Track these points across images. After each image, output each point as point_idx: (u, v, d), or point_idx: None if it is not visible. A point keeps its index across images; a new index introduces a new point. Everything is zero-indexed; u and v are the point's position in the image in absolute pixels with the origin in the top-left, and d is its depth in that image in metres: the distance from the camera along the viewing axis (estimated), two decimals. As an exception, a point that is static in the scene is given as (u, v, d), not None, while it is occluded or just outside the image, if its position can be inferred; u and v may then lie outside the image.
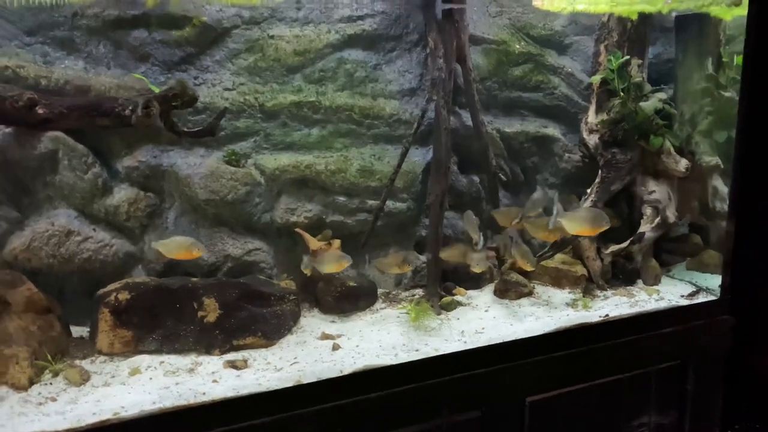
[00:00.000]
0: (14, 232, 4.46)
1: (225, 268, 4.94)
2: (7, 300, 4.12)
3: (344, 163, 5.21)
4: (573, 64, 5.99)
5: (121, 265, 4.75)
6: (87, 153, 4.56)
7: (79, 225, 4.62)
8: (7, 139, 4.37)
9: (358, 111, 5.26)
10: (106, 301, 4.32)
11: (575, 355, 4.72)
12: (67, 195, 4.58)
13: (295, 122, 5.15)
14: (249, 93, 5.01)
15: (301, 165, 5.09)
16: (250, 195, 4.94)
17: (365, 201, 5.29)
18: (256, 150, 5.08)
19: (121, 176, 4.76)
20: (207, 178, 4.82)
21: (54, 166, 4.50)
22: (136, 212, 4.76)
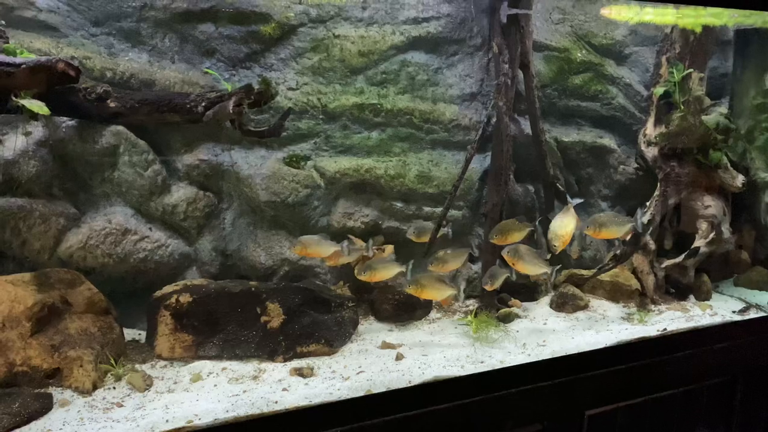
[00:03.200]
0: (71, 229, 4.34)
1: (281, 272, 4.84)
2: (67, 300, 4.01)
3: (403, 168, 5.13)
4: (631, 75, 5.95)
5: (176, 267, 4.64)
6: (148, 149, 4.45)
7: (135, 223, 4.50)
8: (69, 131, 4.25)
9: (418, 115, 5.18)
10: (166, 303, 4.20)
11: (634, 369, 4.68)
12: (125, 192, 4.46)
13: (355, 125, 5.07)
14: (312, 93, 4.92)
15: (361, 169, 5.00)
16: (309, 198, 4.85)
17: (422, 207, 5.21)
18: (316, 152, 4.99)
19: (180, 174, 4.65)
20: (268, 179, 4.72)
21: (114, 162, 4.38)
22: (194, 212, 4.65)
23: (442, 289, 4.35)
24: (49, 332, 3.78)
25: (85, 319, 3.95)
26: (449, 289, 4.35)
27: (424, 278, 4.36)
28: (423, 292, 4.31)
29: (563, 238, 4.47)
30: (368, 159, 5.04)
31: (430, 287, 4.31)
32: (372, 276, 4.38)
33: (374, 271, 4.42)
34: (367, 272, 4.38)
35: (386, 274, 4.47)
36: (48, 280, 3.98)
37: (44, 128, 4.18)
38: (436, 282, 4.36)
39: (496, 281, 4.62)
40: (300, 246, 4.33)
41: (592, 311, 5.26)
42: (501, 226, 4.56)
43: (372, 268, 4.41)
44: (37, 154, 4.16)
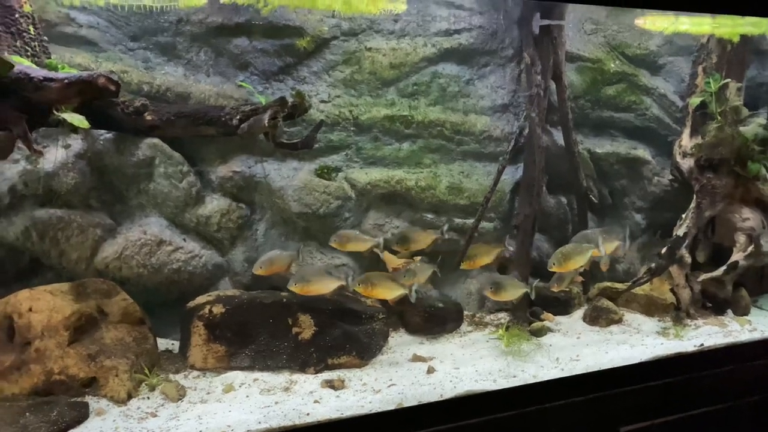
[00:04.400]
0: (107, 240, 4.41)
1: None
2: (103, 310, 4.07)
3: (434, 179, 5.11)
4: (666, 85, 5.86)
5: (209, 277, 4.68)
6: (183, 161, 4.51)
7: (170, 234, 4.56)
8: (107, 144, 4.34)
9: (449, 126, 5.17)
10: (200, 313, 4.24)
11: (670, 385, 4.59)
12: (160, 203, 4.53)
13: (386, 136, 5.08)
14: (344, 106, 4.95)
15: (391, 180, 5.01)
16: (340, 209, 4.86)
17: (452, 219, 5.18)
18: (347, 164, 5.01)
19: (214, 186, 4.70)
20: (300, 190, 4.76)
21: (150, 174, 4.45)
22: (227, 223, 4.69)
23: (392, 289, 4.29)
24: (85, 341, 3.83)
25: (121, 328, 4.00)
26: (399, 289, 4.29)
27: (374, 277, 4.31)
28: (372, 292, 4.25)
29: (567, 266, 4.46)
30: (399, 170, 5.04)
31: (380, 286, 4.25)
32: (305, 288, 4.09)
33: (307, 283, 4.12)
34: (299, 284, 4.07)
35: (322, 287, 4.18)
36: (85, 290, 4.05)
37: (83, 141, 4.27)
38: (387, 281, 4.31)
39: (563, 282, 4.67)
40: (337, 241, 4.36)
41: (626, 325, 5.17)
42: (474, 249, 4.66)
43: (305, 279, 4.12)
44: (76, 167, 4.25)
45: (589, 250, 4.47)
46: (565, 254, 4.41)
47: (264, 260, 4.30)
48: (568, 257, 4.42)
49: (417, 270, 4.47)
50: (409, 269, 4.43)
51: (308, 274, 4.19)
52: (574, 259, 4.45)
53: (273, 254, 4.38)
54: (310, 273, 4.14)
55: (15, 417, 3.30)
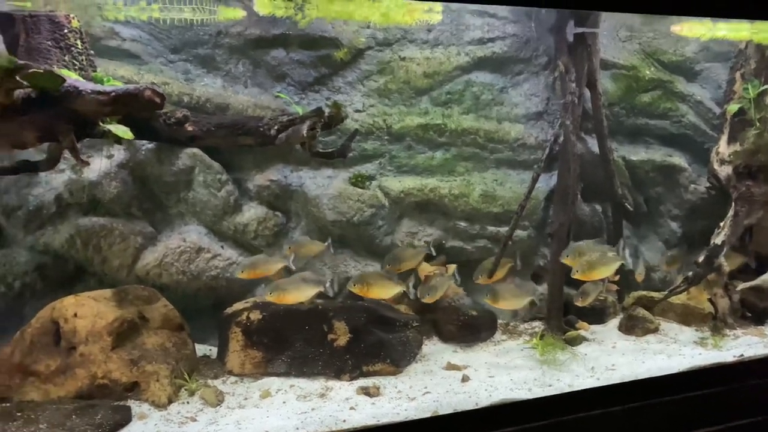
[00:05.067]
0: (148, 247, 4.52)
1: (347, 291, 4.90)
2: (144, 316, 4.16)
3: (467, 187, 5.13)
4: (702, 92, 5.79)
5: (246, 284, 4.76)
6: (221, 170, 4.61)
7: (208, 242, 4.65)
8: (148, 154, 4.45)
9: (483, 134, 5.18)
10: (237, 320, 4.31)
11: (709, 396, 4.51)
12: (199, 211, 4.62)
13: (420, 145, 5.11)
14: (378, 115, 5.00)
15: (425, 188, 5.03)
16: (374, 217, 4.90)
17: (485, 227, 5.19)
18: (380, 172, 5.05)
19: (251, 194, 4.78)
20: (335, 199, 4.80)
21: (189, 183, 4.55)
22: (264, 231, 4.77)
23: (389, 287, 4.29)
24: (127, 347, 3.91)
25: (161, 334, 4.08)
26: (396, 287, 4.29)
27: (370, 276, 4.31)
28: (369, 291, 4.26)
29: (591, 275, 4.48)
30: (432, 179, 5.07)
31: (376, 286, 4.26)
32: (281, 297, 4.06)
33: (283, 292, 4.07)
34: (275, 293, 4.05)
35: (299, 295, 4.15)
36: (127, 297, 4.14)
37: (125, 151, 4.39)
38: (383, 280, 4.30)
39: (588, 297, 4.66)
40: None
41: (662, 335, 5.10)
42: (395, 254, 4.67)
43: (280, 288, 4.07)
44: (119, 176, 4.37)
45: (616, 262, 4.46)
46: (590, 264, 4.38)
47: (247, 263, 4.33)
48: (592, 267, 4.39)
49: (436, 284, 4.49)
50: (429, 286, 4.48)
51: (283, 283, 4.18)
52: (599, 269, 4.42)
53: (259, 258, 4.43)
54: (286, 281, 4.10)
55: (62, 419, 3.40)
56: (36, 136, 3.46)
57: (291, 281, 4.20)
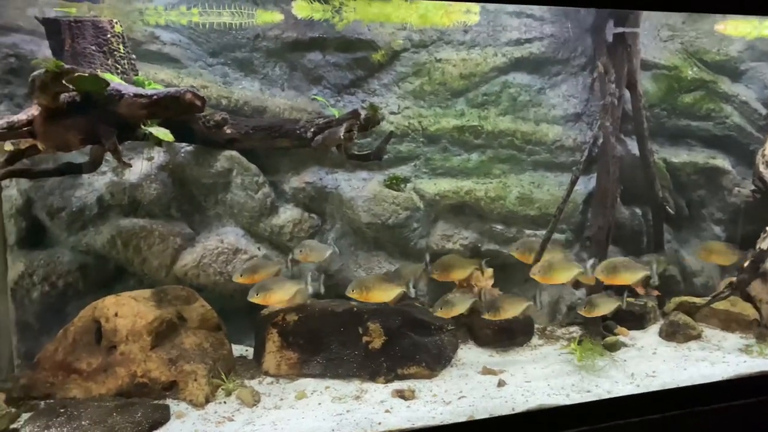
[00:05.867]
0: (186, 248, 4.58)
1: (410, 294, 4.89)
2: (183, 316, 4.22)
3: (503, 189, 5.08)
4: (747, 92, 5.62)
5: (282, 286, 4.78)
6: (258, 173, 4.64)
7: (245, 243, 4.69)
8: (187, 156, 4.52)
9: (520, 136, 5.13)
10: (274, 321, 4.34)
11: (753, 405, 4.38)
12: (237, 213, 4.67)
13: (455, 147, 5.08)
14: (413, 117, 4.98)
15: (461, 191, 5.00)
16: (409, 220, 4.89)
17: (522, 230, 5.13)
18: (416, 174, 5.03)
19: (287, 196, 4.81)
20: (370, 201, 4.81)
21: (227, 185, 4.60)
22: (299, 233, 4.79)
23: (388, 290, 4.20)
24: (166, 346, 3.97)
25: (199, 334, 4.13)
26: (396, 289, 4.21)
27: (367, 281, 4.22)
28: (368, 296, 4.19)
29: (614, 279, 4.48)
30: (468, 181, 5.04)
31: (375, 289, 4.18)
32: (266, 298, 4.07)
33: (269, 292, 4.08)
34: (261, 293, 4.05)
35: (282, 295, 4.15)
36: (166, 297, 4.21)
37: (165, 153, 4.46)
38: (382, 282, 4.22)
39: (595, 309, 4.50)
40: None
41: (705, 341, 4.97)
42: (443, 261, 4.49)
43: (266, 288, 4.07)
44: (158, 178, 4.44)
45: (642, 271, 4.45)
46: (613, 266, 4.38)
47: (246, 268, 4.31)
48: (615, 270, 4.36)
49: (454, 300, 4.41)
50: (445, 300, 4.40)
51: (268, 283, 4.11)
52: (622, 274, 4.40)
53: (257, 262, 4.42)
54: (271, 281, 4.11)
55: (103, 417, 3.47)
56: (79, 139, 3.54)
57: (275, 281, 4.22)
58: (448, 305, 4.31)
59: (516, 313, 4.41)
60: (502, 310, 4.36)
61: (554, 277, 4.39)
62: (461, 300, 4.38)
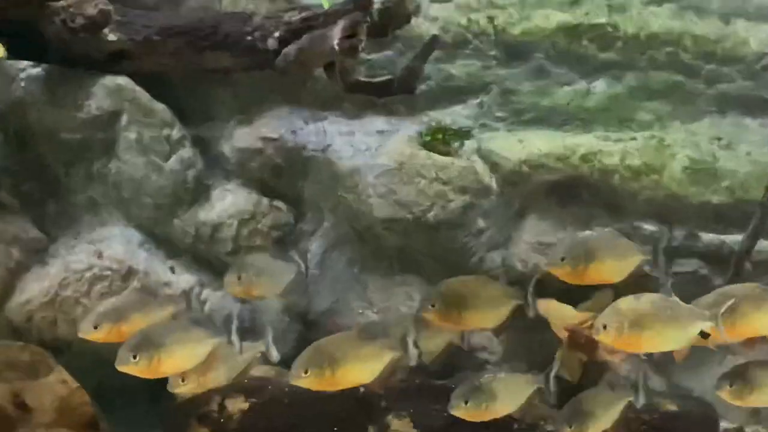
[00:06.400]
0: (31, 268, 4.70)
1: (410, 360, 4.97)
2: (25, 402, 4.33)
3: (658, 153, 5.12)
4: None
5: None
6: (171, 120, 4.75)
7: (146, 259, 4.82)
8: (32, 87, 4.60)
9: (692, 46, 5.18)
10: (201, 413, 4.42)
11: None
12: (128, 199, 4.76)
13: (561, 66, 5.15)
14: (478, 8, 5.06)
15: (571, 154, 5.04)
16: (469, 212, 4.95)
17: (695, 233, 5.18)
18: (482, 123, 5.13)
19: (229, 167, 4.95)
20: (391, 176, 4.88)
21: (110, 143, 4.73)
22: (252, 237, 4.89)
23: (372, 359, 4.13)
24: (-7, 463, 4.08)
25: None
26: (385, 355, 4.21)
27: (333, 344, 4.11)
28: (334, 378, 4.07)
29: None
30: (586, 135, 5.12)
31: (348, 362, 4.03)
32: (158, 363, 3.99)
33: (161, 351, 3.98)
34: (144, 354, 3.95)
35: (192, 355, 4.10)
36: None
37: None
38: (359, 347, 4.11)
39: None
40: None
41: None
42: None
43: (153, 344, 3.97)
44: (-24, 130, 4.56)
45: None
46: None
47: (106, 310, 4.23)
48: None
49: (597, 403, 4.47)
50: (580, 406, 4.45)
51: (158, 333, 4.06)
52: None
53: (131, 297, 4.39)
54: (164, 330, 4.12)
55: None
56: None
57: (173, 328, 4.19)
58: (584, 418, 4.34)
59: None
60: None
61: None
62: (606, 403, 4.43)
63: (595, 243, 4.46)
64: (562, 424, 4.28)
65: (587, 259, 4.33)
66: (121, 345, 3.99)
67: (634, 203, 5.11)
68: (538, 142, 5.08)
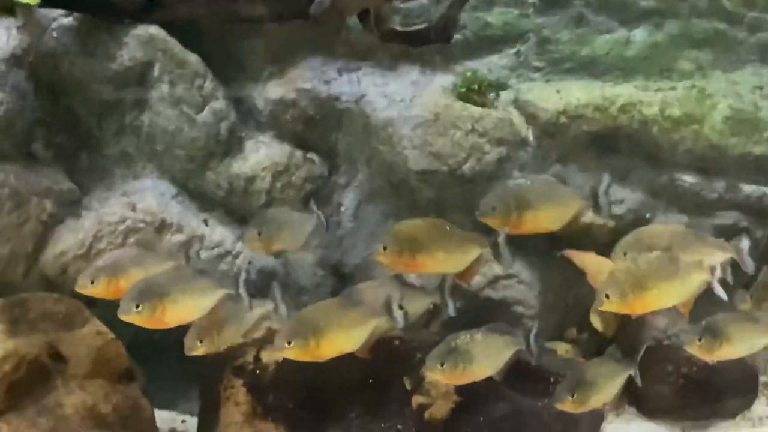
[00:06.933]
0: (64, 220, 4.70)
1: (448, 312, 4.95)
2: (59, 352, 4.32)
3: (699, 103, 5.06)
4: None
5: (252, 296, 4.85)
6: (204, 71, 4.74)
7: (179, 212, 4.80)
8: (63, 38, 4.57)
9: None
10: (237, 366, 4.40)
11: None
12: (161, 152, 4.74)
13: (600, 14, 5.11)
14: (516, -50, 5.00)
15: (610, 105, 5.01)
16: (505, 164, 4.93)
17: (737, 185, 5.14)
18: (519, 73, 5.10)
19: (262, 119, 4.93)
20: (426, 127, 4.86)
21: (142, 96, 4.73)
22: (285, 190, 4.89)
23: (355, 327, 4.12)
24: (28, 411, 4.07)
25: (92, 388, 4.21)
26: (368, 321, 4.14)
27: (314, 314, 4.10)
28: (320, 348, 4.00)
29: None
30: (626, 86, 5.08)
31: (332, 330, 4.01)
32: (161, 314, 3.99)
33: (165, 301, 3.98)
34: (146, 304, 3.91)
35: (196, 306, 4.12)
36: (24, 315, 4.30)
37: (20, 32, 4.53)
38: (342, 314, 4.12)
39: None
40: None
41: None
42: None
43: (155, 294, 3.95)
44: (7, 81, 4.51)
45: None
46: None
47: (104, 264, 4.23)
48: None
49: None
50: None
51: (161, 284, 4.05)
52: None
53: (127, 252, 4.40)
54: (169, 279, 4.12)
55: None
56: None
57: (178, 278, 4.16)
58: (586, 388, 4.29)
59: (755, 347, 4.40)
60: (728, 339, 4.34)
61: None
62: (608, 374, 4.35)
63: (527, 191, 4.34)
64: (564, 392, 4.15)
65: (519, 207, 4.18)
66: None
67: (673, 154, 5.07)
68: (576, 92, 5.06)
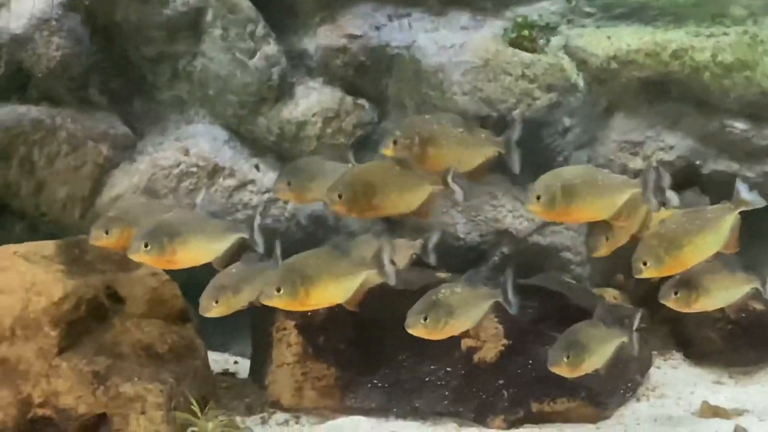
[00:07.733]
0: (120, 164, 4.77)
1: (496, 255, 4.98)
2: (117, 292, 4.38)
3: (751, 49, 5.04)
4: None
5: (305, 239, 4.89)
6: (255, 17, 4.78)
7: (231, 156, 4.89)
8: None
9: (797, -69, 5.04)
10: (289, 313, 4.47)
11: None
12: (214, 97, 4.83)
13: (652, -39, 5.03)
14: None
15: (661, 51, 5.00)
16: (556, 110, 4.95)
17: (787, 138, 5.11)
18: (569, 18, 5.09)
19: (312, 65, 4.97)
20: (476, 73, 4.87)
21: (195, 41, 4.79)
22: (336, 135, 4.94)
23: (345, 279, 4.01)
24: (86, 348, 4.14)
25: (148, 327, 4.28)
26: (358, 272, 4.01)
27: (305, 265, 3.93)
28: (308, 298, 3.99)
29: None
30: (677, 32, 5.05)
31: (321, 281, 3.89)
32: (174, 253, 3.87)
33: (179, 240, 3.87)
34: (155, 242, 3.78)
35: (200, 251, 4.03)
36: (83, 256, 4.37)
37: (76, -20, 4.61)
38: (331, 265, 3.98)
39: None
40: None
41: None
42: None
43: (166, 233, 3.83)
44: (63, 25, 4.57)
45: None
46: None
47: (115, 215, 4.09)
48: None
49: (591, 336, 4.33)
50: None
51: (176, 221, 4.00)
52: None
53: (132, 203, 4.35)
54: (181, 217, 4.10)
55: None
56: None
57: (190, 219, 4.09)
58: (579, 349, 4.23)
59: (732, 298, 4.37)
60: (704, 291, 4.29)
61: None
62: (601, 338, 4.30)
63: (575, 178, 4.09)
64: (558, 353, 4.10)
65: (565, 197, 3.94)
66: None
67: (724, 101, 5.04)
68: (627, 38, 5.05)
